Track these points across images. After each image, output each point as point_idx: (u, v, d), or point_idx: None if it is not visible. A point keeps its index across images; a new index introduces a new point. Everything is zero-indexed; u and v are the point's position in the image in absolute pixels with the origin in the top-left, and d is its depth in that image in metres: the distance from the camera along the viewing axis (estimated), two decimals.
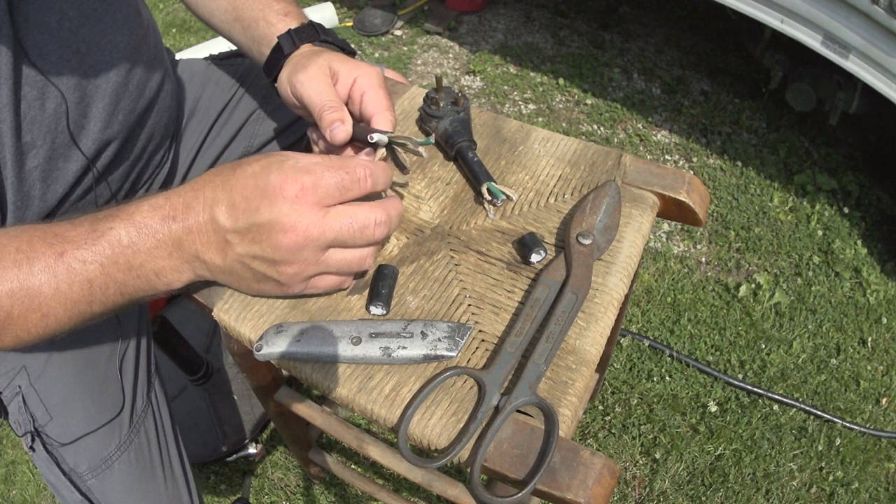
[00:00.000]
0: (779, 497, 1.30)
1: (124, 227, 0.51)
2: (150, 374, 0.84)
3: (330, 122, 0.62)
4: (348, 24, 2.44)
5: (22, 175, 0.64)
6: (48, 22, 0.63)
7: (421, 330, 0.56)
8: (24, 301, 0.50)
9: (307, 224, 0.50)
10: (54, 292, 0.51)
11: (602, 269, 0.62)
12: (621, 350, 1.50)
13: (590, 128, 2.02)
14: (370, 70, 0.66)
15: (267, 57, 0.72)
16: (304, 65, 0.66)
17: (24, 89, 0.61)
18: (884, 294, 1.60)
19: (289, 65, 0.69)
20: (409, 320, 0.58)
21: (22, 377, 0.75)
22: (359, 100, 0.65)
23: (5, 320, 0.51)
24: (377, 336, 0.56)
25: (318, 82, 0.64)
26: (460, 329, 0.57)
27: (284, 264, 0.52)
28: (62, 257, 0.50)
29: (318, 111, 0.63)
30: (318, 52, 0.68)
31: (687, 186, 0.68)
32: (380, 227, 0.53)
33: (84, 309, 0.53)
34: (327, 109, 0.63)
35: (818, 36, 1.48)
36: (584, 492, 0.48)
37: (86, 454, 0.76)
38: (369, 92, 0.65)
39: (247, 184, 0.50)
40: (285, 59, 0.70)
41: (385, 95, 0.66)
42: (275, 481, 1.38)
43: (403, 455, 0.51)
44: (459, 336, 0.56)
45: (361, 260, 0.56)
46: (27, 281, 0.50)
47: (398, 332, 0.56)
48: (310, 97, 0.64)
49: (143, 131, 0.77)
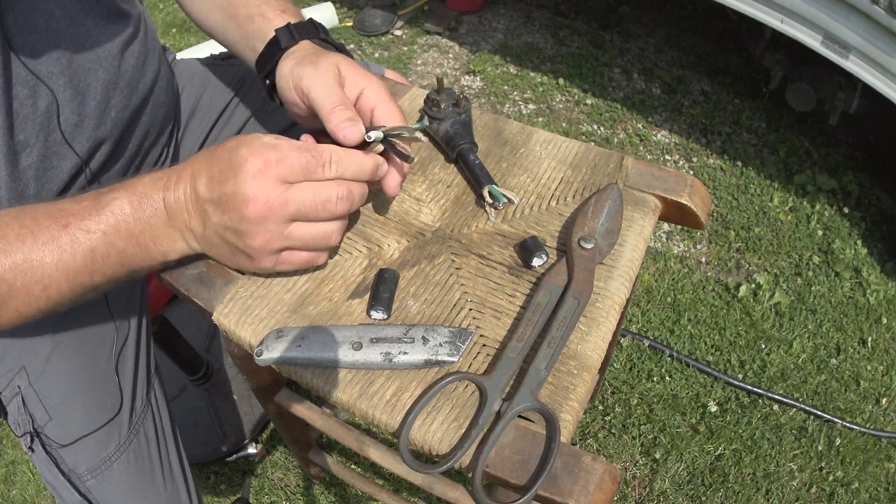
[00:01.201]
0: (779, 497, 1.30)
1: (126, 197, 0.55)
2: (150, 375, 0.84)
3: (342, 120, 0.59)
4: (348, 24, 2.43)
5: (16, 174, 0.64)
6: (36, 22, 0.63)
7: (422, 335, 0.56)
8: (28, 273, 0.53)
9: (268, 195, 0.52)
10: (57, 262, 0.53)
11: (604, 273, 0.62)
12: (621, 350, 1.50)
13: (590, 128, 2.01)
14: (377, 82, 0.64)
15: (261, 51, 0.70)
16: (312, 61, 0.64)
17: (15, 88, 0.62)
18: (884, 294, 1.60)
19: (291, 57, 0.66)
20: (410, 325, 0.58)
21: (21, 377, 0.75)
22: (369, 113, 0.63)
23: (7, 293, 0.53)
24: (378, 341, 0.56)
25: (329, 80, 0.62)
26: (461, 334, 0.57)
27: (250, 236, 0.54)
28: (67, 229, 0.53)
29: (329, 109, 0.60)
30: (323, 51, 0.66)
31: (689, 189, 0.68)
32: (342, 202, 0.56)
33: (85, 280, 0.55)
34: (339, 107, 0.60)
35: (818, 36, 1.48)
36: (586, 497, 0.48)
37: (85, 455, 0.76)
38: (381, 106, 0.63)
39: (222, 157, 0.54)
40: (282, 52, 0.67)
41: (396, 108, 0.64)
42: (275, 481, 1.38)
43: (405, 460, 0.51)
44: (461, 341, 0.56)
45: (327, 235, 0.57)
46: (31, 253, 0.53)
47: (399, 337, 0.56)
48: (319, 94, 0.61)
49: (137, 128, 0.77)
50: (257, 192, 0.52)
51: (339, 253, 0.66)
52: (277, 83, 0.68)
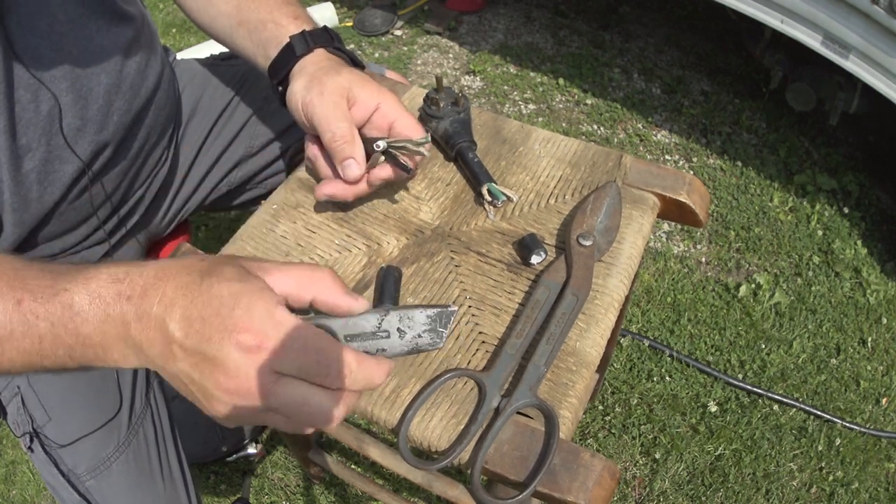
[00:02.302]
0: (779, 497, 1.30)
1: (78, 293, 0.47)
2: (149, 376, 0.84)
3: (343, 159, 0.61)
4: (348, 24, 2.43)
5: (19, 177, 0.64)
6: (39, 26, 0.63)
7: (397, 327, 0.50)
8: None
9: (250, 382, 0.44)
10: (9, 336, 0.48)
11: (602, 270, 0.62)
12: (621, 350, 1.50)
13: (590, 128, 2.01)
14: (392, 96, 0.65)
15: (274, 58, 0.69)
16: (319, 83, 0.63)
17: (17, 92, 0.61)
18: (884, 294, 1.60)
19: (304, 74, 0.65)
20: (383, 312, 0.50)
21: (21, 377, 0.75)
22: (386, 127, 0.64)
23: None
24: (352, 339, 0.50)
25: (333, 107, 0.62)
26: (442, 317, 0.51)
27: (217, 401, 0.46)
28: (20, 305, 0.47)
29: (330, 141, 0.61)
30: (336, 69, 0.65)
31: (687, 187, 0.68)
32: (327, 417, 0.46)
33: (35, 361, 0.49)
34: (339, 141, 0.60)
35: (818, 36, 1.48)
36: (585, 494, 0.48)
37: (84, 455, 0.76)
38: (400, 120, 0.64)
39: (210, 304, 0.44)
40: (297, 59, 0.67)
41: (415, 120, 0.65)
42: (275, 481, 1.38)
43: (404, 457, 0.51)
44: (442, 325, 0.51)
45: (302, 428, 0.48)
46: None
47: (373, 331, 0.50)
48: (321, 121, 0.61)
49: (139, 131, 0.77)
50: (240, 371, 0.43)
51: (338, 251, 0.66)
52: (288, 98, 0.67)
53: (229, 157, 0.92)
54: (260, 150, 0.93)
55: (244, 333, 0.43)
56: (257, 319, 0.43)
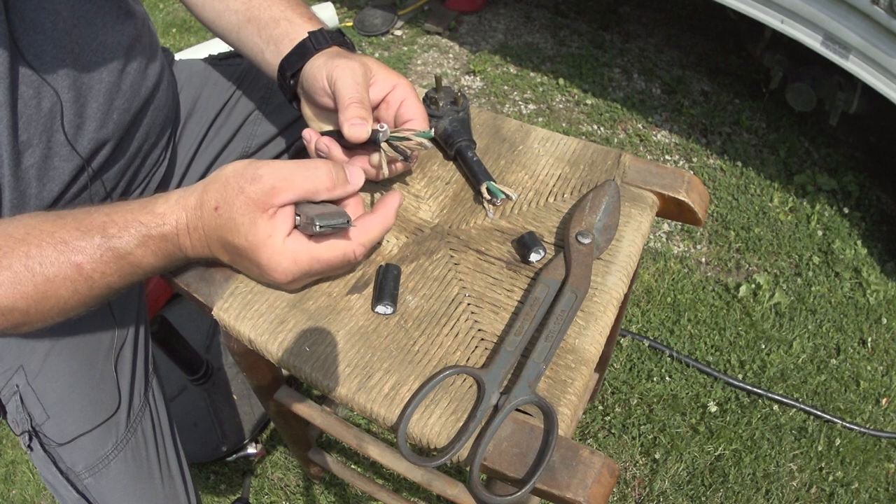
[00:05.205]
0: (779, 497, 1.29)
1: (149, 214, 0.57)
2: (148, 374, 0.84)
3: (353, 116, 0.62)
4: (348, 24, 2.44)
5: (18, 173, 0.64)
6: (43, 22, 0.63)
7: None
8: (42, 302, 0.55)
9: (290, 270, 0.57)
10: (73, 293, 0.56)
11: (601, 268, 0.62)
12: (621, 350, 1.50)
13: (590, 128, 2.01)
14: (407, 82, 0.68)
15: (289, 52, 0.70)
16: (346, 55, 0.67)
17: (20, 88, 0.62)
18: (884, 294, 1.60)
19: (324, 54, 0.68)
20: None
21: (20, 376, 0.75)
22: (396, 105, 0.67)
23: (21, 320, 0.55)
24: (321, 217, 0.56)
25: (358, 77, 0.64)
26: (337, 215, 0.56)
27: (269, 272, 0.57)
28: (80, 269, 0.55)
29: (347, 101, 0.63)
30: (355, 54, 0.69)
31: (686, 186, 0.68)
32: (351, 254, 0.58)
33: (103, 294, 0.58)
34: (356, 103, 0.63)
35: (818, 36, 1.48)
36: (584, 490, 0.48)
37: (82, 453, 0.76)
38: (409, 100, 0.67)
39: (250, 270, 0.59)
40: (315, 52, 0.69)
41: (422, 106, 0.68)
42: (275, 481, 1.38)
43: (403, 454, 0.51)
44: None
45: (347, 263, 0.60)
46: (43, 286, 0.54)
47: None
48: (344, 84, 0.63)
49: (138, 130, 0.77)
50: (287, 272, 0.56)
51: None
52: (304, 76, 0.69)
53: (227, 156, 0.93)
54: (257, 149, 0.93)
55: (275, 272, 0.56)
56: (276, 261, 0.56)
